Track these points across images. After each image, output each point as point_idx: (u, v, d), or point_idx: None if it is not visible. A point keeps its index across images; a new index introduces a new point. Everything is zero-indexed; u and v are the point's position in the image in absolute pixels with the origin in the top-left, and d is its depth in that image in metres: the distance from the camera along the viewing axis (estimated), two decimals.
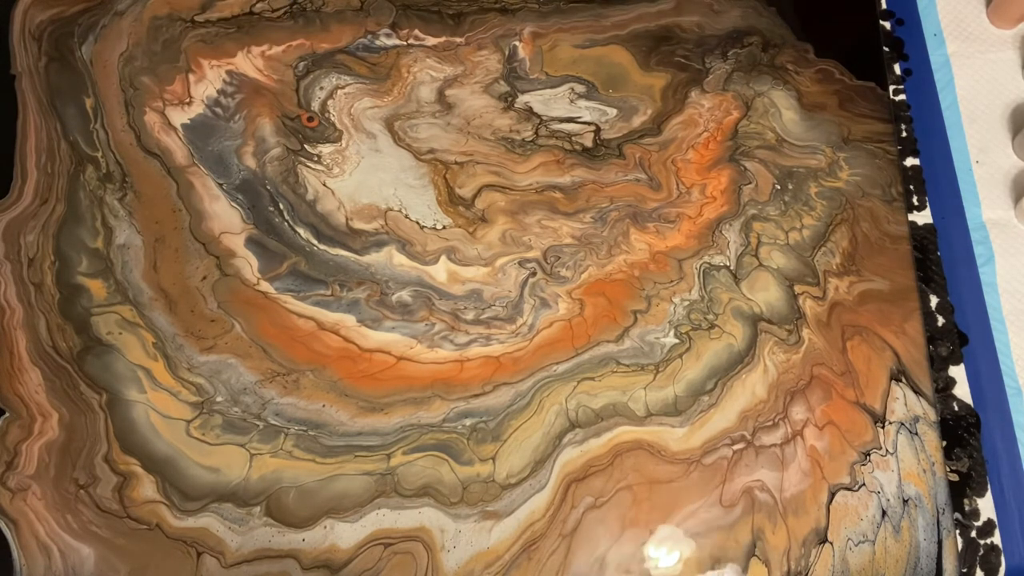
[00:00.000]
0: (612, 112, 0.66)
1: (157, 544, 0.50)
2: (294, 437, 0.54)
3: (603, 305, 0.59)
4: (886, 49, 0.71)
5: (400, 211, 0.62)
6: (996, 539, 0.54)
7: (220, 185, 0.62)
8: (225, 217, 0.61)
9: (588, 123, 0.66)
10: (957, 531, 0.53)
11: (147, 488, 0.52)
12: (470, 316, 0.58)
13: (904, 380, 0.57)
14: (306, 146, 0.64)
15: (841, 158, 0.65)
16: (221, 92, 0.65)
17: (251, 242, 0.60)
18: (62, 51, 0.66)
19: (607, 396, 0.56)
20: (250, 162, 0.63)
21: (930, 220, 0.64)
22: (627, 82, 0.68)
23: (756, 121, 0.66)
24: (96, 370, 0.55)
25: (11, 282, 0.57)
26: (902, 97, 0.69)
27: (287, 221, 0.61)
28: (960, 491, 0.55)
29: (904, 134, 0.67)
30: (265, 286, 0.59)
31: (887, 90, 0.68)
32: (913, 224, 0.63)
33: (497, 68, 0.68)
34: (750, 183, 0.64)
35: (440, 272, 0.60)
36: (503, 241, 0.61)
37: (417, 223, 0.61)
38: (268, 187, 0.62)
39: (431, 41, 0.69)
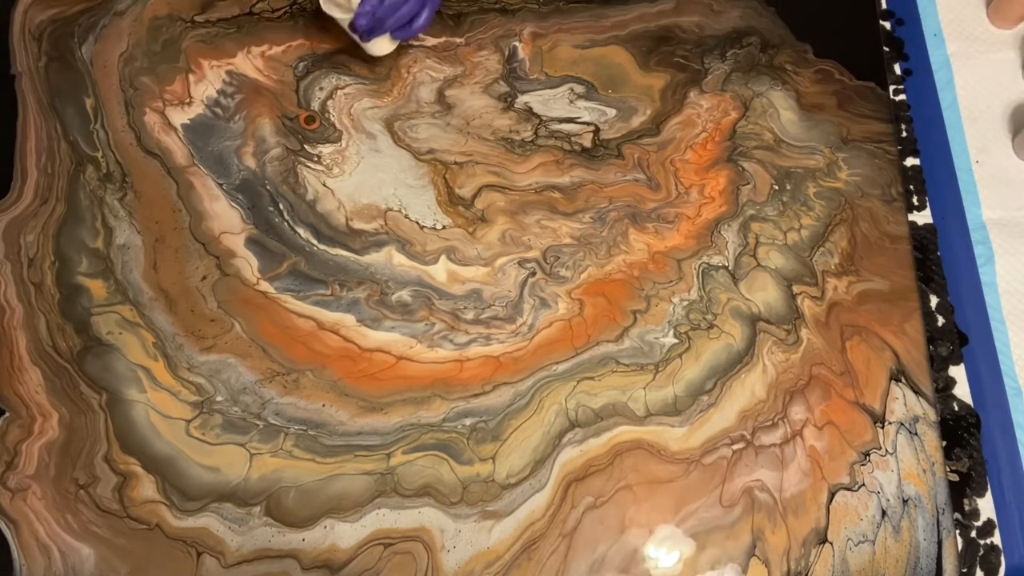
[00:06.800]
0: (611, 112, 0.66)
1: (157, 544, 0.50)
2: (294, 437, 0.54)
3: (602, 305, 0.59)
4: (886, 49, 0.71)
5: (400, 211, 0.62)
6: (996, 539, 0.54)
7: (220, 185, 0.62)
8: (225, 217, 0.61)
9: (587, 123, 0.66)
10: (957, 531, 0.53)
11: (147, 488, 0.52)
12: (470, 316, 0.58)
13: (904, 380, 0.57)
14: (306, 146, 0.64)
15: (840, 158, 0.65)
16: (221, 92, 0.65)
17: (251, 242, 0.60)
18: (62, 51, 0.66)
19: (607, 396, 0.56)
20: (250, 162, 0.63)
21: (930, 220, 0.64)
22: (626, 82, 0.68)
23: (754, 121, 0.66)
24: (96, 370, 0.55)
25: (11, 282, 0.58)
26: (902, 97, 0.69)
27: (287, 221, 0.61)
28: (960, 491, 0.55)
29: (904, 134, 0.67)
30: (265, 286, 0.59)
31: (887, 90, 0.68)
32: (913, 224, 0.63)
33: (497, 68, 0.68)
34: (748, 183, 0.64)
35: (440, 272, 0.60)
36: (503, 241, 0.61)
37: (417, 223, 0.62)
38: (268, 187, 0.62)
39: (431, 41, 0.69)
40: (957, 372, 0.59)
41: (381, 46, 0.64)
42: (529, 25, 0.70)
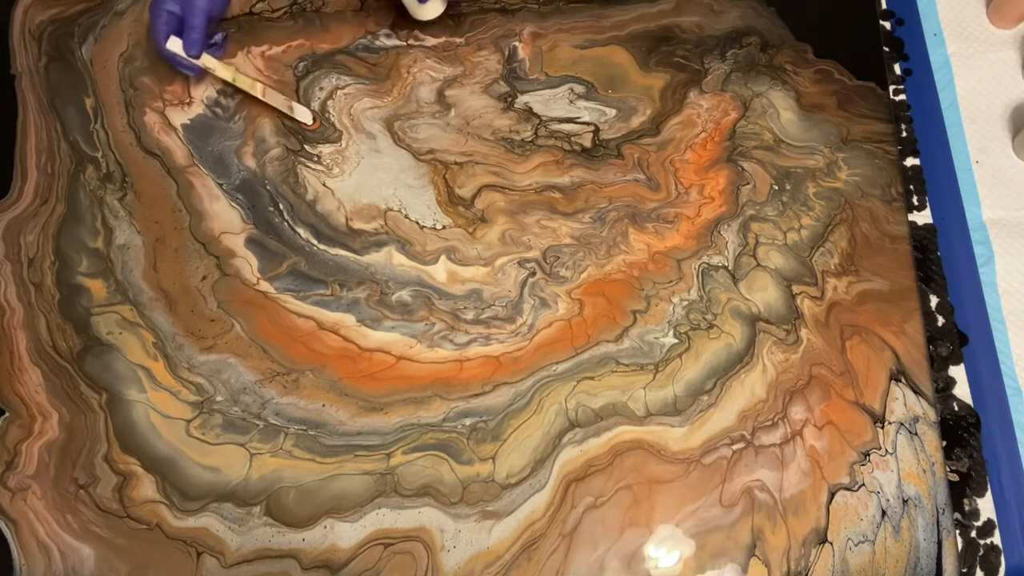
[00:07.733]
0: (611, 112, 0.66)
1: (157, 544, 0.51)
2: (294, 437, 0.54)
3: (602, 305, 0.59)
4: (886, 49, 0.71)
5: (400, 211, 0.62)
6: (996, 539, 0.54)
7: (220, 185, 0.62)
8: (225, 217, 0.61)
9: (587, 123, 0.66)
10: (957, 531, 0.53)
11: (147, 488, 0.52)
12: (470, 316, 0.58)
13: (904, 380, 0.57)
14: (306, 146, 0.64)
15: (840, 158, 0.65)
16: (221, 92, 0.65)
17: (251, 242, 0.60)
18: (62, 51, 0.66)
19: (607, 396, 0.56)
20: (250, 162, 0.63)
21: (930, 220, 0.64)
22: (626, 82, 0.68)
23: (754, 122, 0.66)
24: (96, 370, 0.55)
25: (11, 282, 0.58)
26: (902, 97, 0.69)
27: (287, 221, 0.61)
28: (960, 491, 0.55)
29: (904, 134, 0.67)
30: (265, 286, 0.59)
31: (887, 90, 0.68)
32: (913, 224, 0.63)
33: (497, 68, 0.68)
34: (748, 184, 0.64)
35: (440, 272, 0.60)
36: (503, 241, 0.61)
37: (417, 223, 0.62)
38: (268, 187, 0.62)
39: (431, 41, 0.69)
40: (957, 372, 0.59)
41: (435, 7, 0.65)
42: (529, 25, 0.70)
